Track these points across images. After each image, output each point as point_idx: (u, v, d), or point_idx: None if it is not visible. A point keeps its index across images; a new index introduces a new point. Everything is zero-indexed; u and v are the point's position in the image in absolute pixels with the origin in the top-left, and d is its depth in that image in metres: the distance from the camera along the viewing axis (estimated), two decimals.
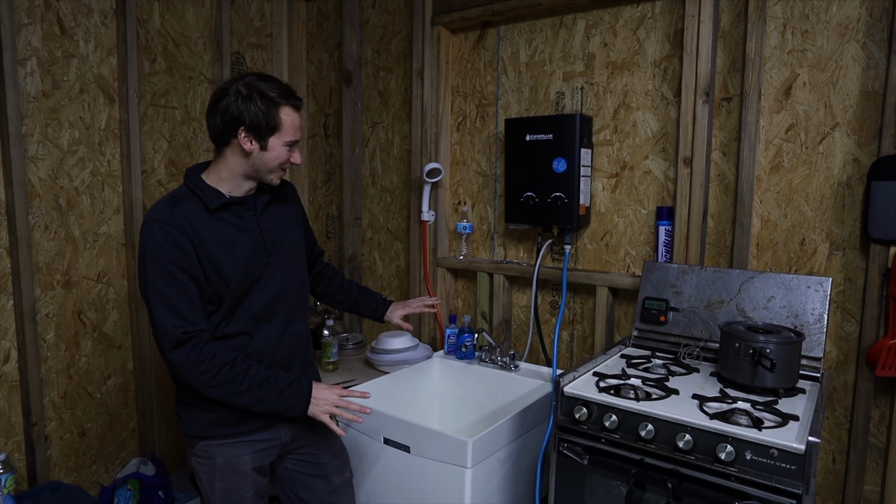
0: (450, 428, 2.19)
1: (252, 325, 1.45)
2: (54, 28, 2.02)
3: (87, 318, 2.18)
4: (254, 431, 1.47)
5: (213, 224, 1.39)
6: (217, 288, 1.38)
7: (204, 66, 2.47)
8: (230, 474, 1.46)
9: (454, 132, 2.49)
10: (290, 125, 1.40)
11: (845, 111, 1.68)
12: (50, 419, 2.10)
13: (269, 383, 1.38)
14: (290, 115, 1.40)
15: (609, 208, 2.11)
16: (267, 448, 1.51)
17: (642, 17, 1.99)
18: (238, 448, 1.46)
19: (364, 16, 2.73)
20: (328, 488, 1.63)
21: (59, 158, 2.06)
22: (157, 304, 1.32)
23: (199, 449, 1.47)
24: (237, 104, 1.35)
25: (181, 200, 1.39)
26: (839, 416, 1.75)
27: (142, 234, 1.35)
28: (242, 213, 1.44)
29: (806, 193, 1.76)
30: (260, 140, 1.38)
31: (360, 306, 1.86)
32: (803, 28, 1.72)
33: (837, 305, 1.73)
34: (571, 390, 1.52)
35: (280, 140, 1.39)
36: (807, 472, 1.20)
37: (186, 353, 1.31)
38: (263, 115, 1.35)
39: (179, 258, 1.32)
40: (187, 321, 1.32)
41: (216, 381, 1.33)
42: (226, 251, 1.39)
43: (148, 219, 1.35)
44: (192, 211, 1.37)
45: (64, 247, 2.10)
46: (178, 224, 1.33)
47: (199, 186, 1.41)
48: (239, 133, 1.36)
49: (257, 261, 1.45)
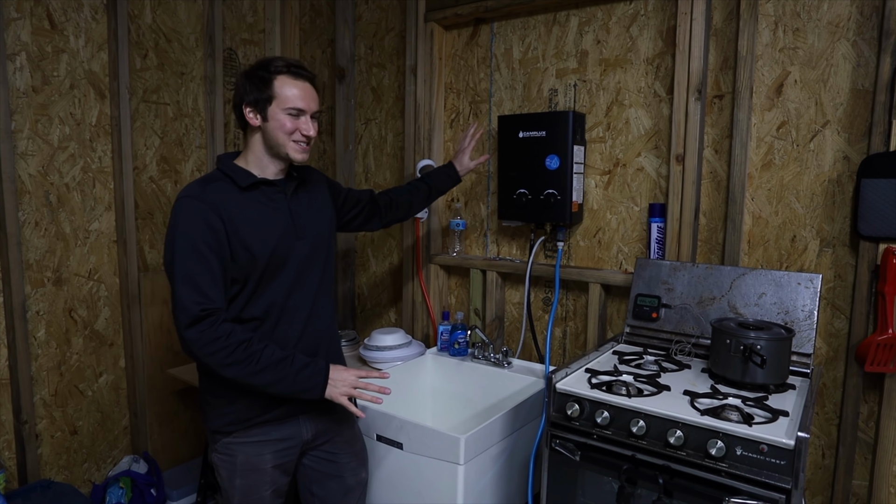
0: (443, 425, 2.19)
1: (274, 312, 1.45)
2: (44, 23, 2.00)
3: (78, 316, 2.17)
4: (276, 422, 1.46)
5: (244, 203, 1.42)
6: (244, 266, 1.39)
7: (196, 61, 2.45)
8: (250, 472, 1.46)
9: (447, 129, 2.49)
10: (287, 93, 1.42)
11: (836, 109, 1.69)
12: (41, 417, 2.09)
13: (285, 363, 1.37)
14: (286, 83, 1.42)
15: (602, 205, 2.12)
16: (289, 448, 1.50)
17: (635, 14, 1.99)
18: (260, 447, 1.46)
19: (357, 12, 2.72)
20: (342, 488, 1.62)
21: (50, 155, 2.05)
22: (180, 280, 1.33)
23: (221, 446, 1.47)
24: (238, 88, 1.45)
25: (213, 181, 1.43)
26: (829, 412, 1.76)
27: (173, 210, 1.38)
28: (273, 195, 1.48)
29: (797, 191, 1.77)
30: (261, 111, 1.42)
31: (435, 191, 1.99)
32: (795, 26, 1.73)
33: (827, 302, 1.75)
34: (564, 387, 1.52)
35: (279, 108, 1.42)
36: (796, 468, 1.21)
37: (202, 329, 1.31)
38: (257, 88, 1.41)
39: (208, 235, 1.35)
40: (207, 298, 1.33)
41: (231, 359, 1.32)
42: (255, 229, 1.41)
43: (181, 196, 1.39)
44: (223, 190, 1.41)
45: (54, 244, 2.09)
46: (210, 201, 1.37)
47: (230, 168, 1.45)
48: (245, 111, 1.44)
49: (286, 240, 1.46)
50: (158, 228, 2.41)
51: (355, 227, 1.84)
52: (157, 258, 2.42)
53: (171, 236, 1.37)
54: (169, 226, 1.39)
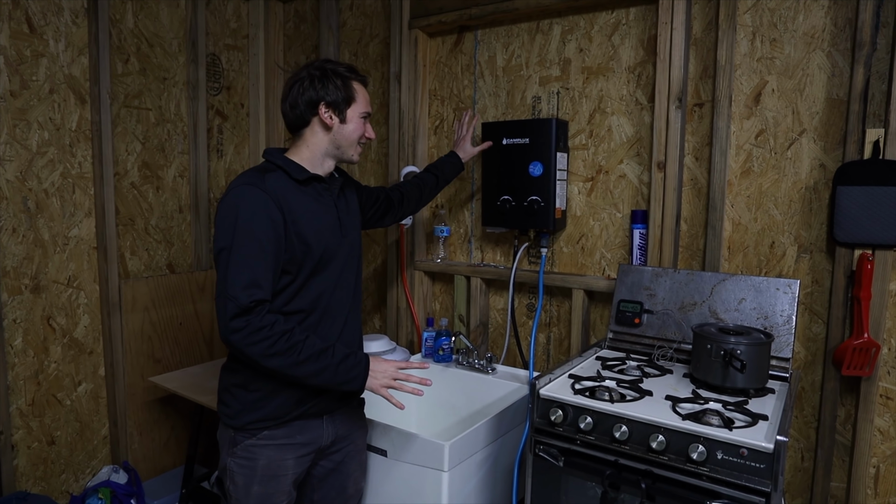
0: (427, 431, 2.18)
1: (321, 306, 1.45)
2: (23, 26, 1.98)
3: (56, 324, 2.14)
4: (305, 418, 1.46)
5: (300, 196, 1.43)
6: (297, 258, 1.39)
7: (179, 67, 2.44)
8: (270, 480, 1.44)
9: (431, 135, 2.50)
10: (362, 97, 1.50)
11: (812, 118, 1.73)
12: (17, 427, 2.05)
13: (326, 354, 1.36)
14: (360, 88, 1.50)
15: (585, 212, 2.14)
16: (308, 453, 1.50)
17: (617, 23, 2.02)
18: (283, 451, 1.44)
19: (341, 18, 2.72)
20: (342, 497, 1.62)
21: (28, 160, 2.02)
22: (236, 267, 1.30)
23: (242, 449, 1.43)
24: (314, 85, 1.44)
25: (269, 171, 1.43)
26: (807, 415, 1.79)
27: (230, 197, 1.36)
28: (322, 191, 1.50)
29: (775, 197, 1.80)
30: (339, 113, 1.46)
31: (442, 181, 2.05)
32: (772, 36, 1.77)
33: (805, 307, 1.78)
34: (547, 393, 1.53)
35: (356, 111, 1.48)
36: (775, 471, 1.23)
37: (249, 319, 1.29)
38: (339, 89, 1.45)
39: (268, 225, 1.34)
40: (260, 289, 1.31)
41: (274, 349, 1.31)
42: (310, 221, 1.42)
43: (239, 183, 1.38)
44: (280, 180, 1.41)
45: (32, 250, 2.06)
46: (271, 190, 1.37)
47: (283, 161, 1.45)
48: (320, 110, 1.45)
49: (336, 235, 1.49)
50: (140, 234, 2.38)
51: (371, 224, 1.85)
52: (139, 265, 2.39)
53: (229, 222, 1.33)
54: (224, 211, 1.35)
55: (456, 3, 2.26)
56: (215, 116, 2.67)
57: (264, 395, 1.42)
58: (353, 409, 1.62)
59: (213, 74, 2.60)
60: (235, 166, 2.80)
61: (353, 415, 1.62)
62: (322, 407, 1.49)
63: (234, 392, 1.45)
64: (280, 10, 2.81)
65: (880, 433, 1.68)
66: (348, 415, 1.59)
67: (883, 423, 1.67)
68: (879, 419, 1.67)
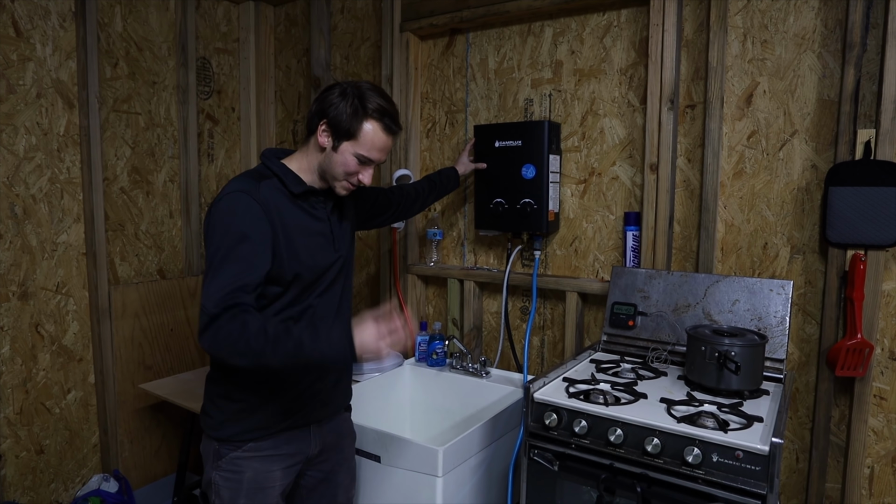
0: (421, 436, 2.17)
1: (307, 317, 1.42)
2: (9, 30, 1.96)
3: (45, 331, 2.11)
4: (291, 430, 1.43)
5: (294, 209, 1.39)
6: (285, 272, 1.35)
7: (168, 70, 2.42)
8: (257, 493, 1.40)
9: (423, 138, 2.49)
10: (368, 140, 1.38)
11: (803, 119, 1.73)
12: (5, 437, 2.02)
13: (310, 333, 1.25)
14: (374, 131, 1.38)
15: (578, 214, 2.13)
16: (295, 464, 1.47)
17: (608, 25, 2.02)
18: (269, 463, 1.41)
19: (333, 21, 2.71)
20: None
21: (15, 165, 1.99)
22: (224, 268, 1.25)
23: (227, 462, 1.39)
24: (332, 97, 1.37)
25: (264, 178, 1.38)
26: (802, 416, 1.79)
27: (222, 203, 1.31)
28: (317, 205, 1.45)
29: (767, 199, 1.80)
30: (334, 139, 1.38)
31: (440, 188, 2.05)
32: (763, 38, 1.77)
33: (799, 308, 1.78)
34: (542, 396, 1.52)
35: (352, 148, 1.37)
36: (771, 473, 1.22)
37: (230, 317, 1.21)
38: (346, 116, 1.35)
39: (257, 233, 1.29)
40: (244, 292, 1.25)
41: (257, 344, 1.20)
42: (301, 238, 1.38)
43: (232, 189, 1.33)
44: (274, 191, 1.37)
45: (20, 256, 2.03)
46: (263, 200, 1.33)
47: (280, 169, 1.40)
48: (321, 125, 1.38)
49: (327, 251, 1.45)
50: (129, 240, 2.36)
51: (364, 226, 1.82)
52: (129, 270, 2.37)
53: (220, 228, 1.29)
54: (215, 217, 1.31)
55: (447, 5, 2.25)
56: (206, 121, 2.65)
57: (249, 405, 1.39)
58: (341, 418, 1.60)
59: (204, 78, 2.59)
60: (226, 171, 2.78)
61: (341, 423, 1.59)
62: (309, 417, 1.46)
63: (218, 402, 1.41)
64: (271, 14, 2.80)
65: (874, 433, 1.68)
66: (336, 423, 1.57)
67: (877, 423, 1.67)
68: (873, 419, 1.67)
